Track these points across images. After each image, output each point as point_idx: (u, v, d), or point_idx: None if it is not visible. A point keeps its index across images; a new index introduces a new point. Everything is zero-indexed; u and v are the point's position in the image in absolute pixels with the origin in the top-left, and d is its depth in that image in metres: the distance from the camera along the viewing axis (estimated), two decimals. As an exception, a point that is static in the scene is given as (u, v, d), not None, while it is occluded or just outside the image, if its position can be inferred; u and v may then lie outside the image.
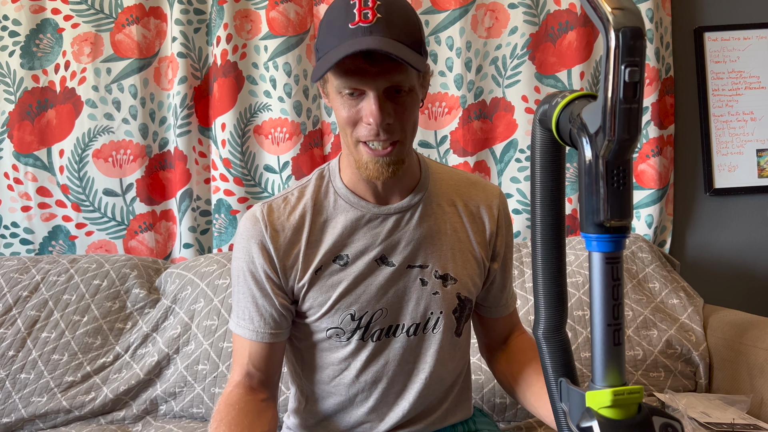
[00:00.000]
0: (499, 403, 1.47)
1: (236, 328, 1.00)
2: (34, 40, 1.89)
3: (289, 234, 0.97)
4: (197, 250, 1.91)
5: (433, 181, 1.04)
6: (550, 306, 0.62)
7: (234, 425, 0.92)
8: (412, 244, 0.99)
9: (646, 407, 0.54)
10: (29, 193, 1.89)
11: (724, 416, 1.32)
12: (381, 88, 0.86)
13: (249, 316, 0.99)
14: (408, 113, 0.90)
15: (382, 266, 0.98)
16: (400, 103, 0.89)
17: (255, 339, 0.98)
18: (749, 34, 2.01)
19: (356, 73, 0.86)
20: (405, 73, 0.87)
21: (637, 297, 1.62)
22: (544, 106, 0.59)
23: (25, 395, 1.50)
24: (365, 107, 0.88)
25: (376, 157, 0.90)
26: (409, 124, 0.91)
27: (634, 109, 0.48)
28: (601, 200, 0.51)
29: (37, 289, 1.63)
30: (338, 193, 1.00)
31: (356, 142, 0.91)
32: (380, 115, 0.86)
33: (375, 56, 0.84)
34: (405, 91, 0.89)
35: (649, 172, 1.92)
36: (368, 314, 0.98)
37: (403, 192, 1.00)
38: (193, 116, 1.90)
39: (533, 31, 1.91)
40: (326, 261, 0.98)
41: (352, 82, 0.87)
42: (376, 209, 0.98)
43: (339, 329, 0.98)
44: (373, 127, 0.87)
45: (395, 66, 0.85)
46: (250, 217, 0.99)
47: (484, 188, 1.08)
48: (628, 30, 0.47)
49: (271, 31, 1.89)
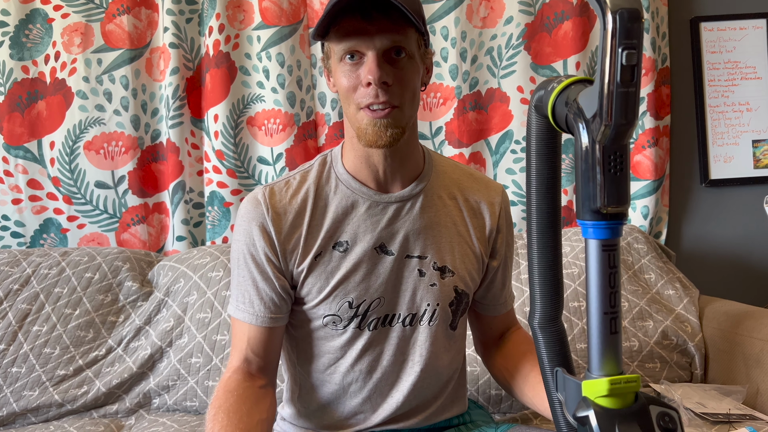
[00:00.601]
0: (494, 394, 1.47)
1: (236, 312, 1.00)
2: (23, 30, 1.86)
3: (291, 217, 0.97)
4: (190, 242, 1.90)
5: (435, 173, 1.04)
6: (545, 295, 0.62)
7: (232, 412, 0.90)
8: (411, 234, 0.99)
9: (643, 396, 0.54)
10: (20, 185, 1.87)
11: (720, 406, 1.32)
12: (380, 48, 0.88)
13: (249, 300, 0.98)
14: (407, 78, 0.91)
15: (382, 255, 0.98)
16: (399, 68, 0.90)
17: (255, 323, 0.97)
18: (745, 24, 2.00)
19: (354, 33, 0.88)
20: (404, 35, 0.89)
21: (632, 288, 1.62)
22: (540, 92, 0.58)
23: (17, 389, 1.48)
24: (364, 70, 0.89)
25: (375, 119, 0.90)
26: (408, 90, 0.91)
27: (632, 93, 0.47)
28: (598, 186, 0.50)
29: (28, 282, 1.62)
30: (340, 179, 1.00)
31: (357, 109, 0.91)
32: (378, 71, 0.87)
33: (373, 15, 0.86)
34: (405, 55, 0.90)
35: (645, 163, 1.91)
36: (366, 302, 0.98)
37: (405, 181, 1.00)
38: (185, 107, 1.88)
39: (529, 21, 1.89)
40: (326, 246, 0.98)
41: (351, 43, 0.89)
42: (377, 196, 0.99)
43: (336, 316, 0.98)
44: (372, 88, 0.88)
45: (393, 26, 0.87)
46: (252, 199, 0.99)
47: (487, 185, 1.08)
48: (626, 12, 0.46)
49: (264, 21, 1.87)
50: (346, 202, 0.98)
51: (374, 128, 0.90)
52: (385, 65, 0.88)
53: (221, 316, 1.54)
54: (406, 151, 0.99)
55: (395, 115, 0.90)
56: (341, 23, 0.88)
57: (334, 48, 0.92)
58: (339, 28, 0.88)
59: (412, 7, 0.87)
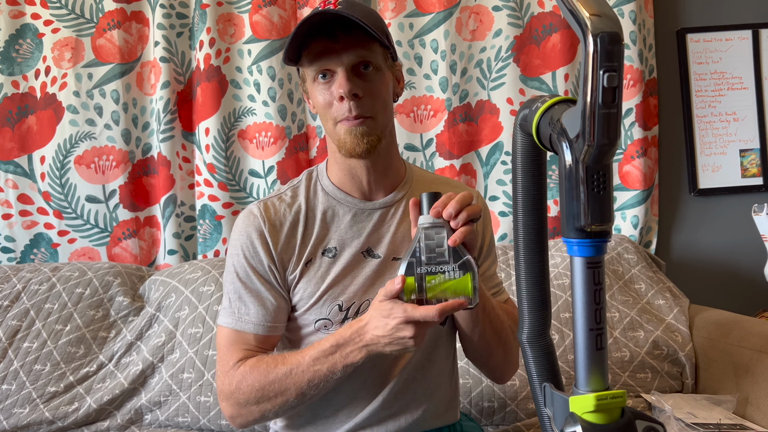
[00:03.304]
0: (487, 407, 1.47)
1: (236, 324, 1.01)
2: (13, 45, 1.87)
3: (287, 229, 1.03)
4: (182, 256, 1.89)
5: (415, 181, 1.10)
6: (533, 311, 0.63)
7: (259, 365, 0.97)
8: (396, 238, 1.04)
9: (629, 411, 0.54)
10: (10, 200, 1.86)
11: (711, 416, 1.32)
12: (347, 63, 0.94)
13: (254, 310, 1.01)
14: (376, 90, 0.97)
15: (369, 258, 1.03)
16: (368, 80, 0.96)
17: (260, 332, 1.01)
18: (731, 35, 2.03)
19: (323, 53, 0.95)
20: (368, 50, 0.96)
21: (623, 298, 1.63)
22: (524, 110, 0.59)
23: (7, 406, 1.47)
24: (335, 85, 0.95)
25: (351, 128, 0.96)
26: (379, 100, 0.98)
27: (613, 114, 0.48)
28: (582, 205, 0.51)
29: (18, 298, 1.61)
30: (326, 190, 1.06)
31: (334, 124, 0.98)
32: (347, 84, 0.93)
33: (337, 34, 0.93)
34: (372, 68, 0.96)
35: (634, 173, 1.93)
36: (355, 305, 1.01)
37: (387, 189, 1.06)
38: (176, 121, 1.89)
39: (517, 34, 1.91)
40: (315, 253, 1.02)
41: (321, 63, 0.95)
42: (362, 204, 1.04)
43: (327, 320, 1.01)
44: (346, 102, 0.94)
45: (357, 42, 0.94)
46: (248, 213, 1.04)
47: (461, 188, 1.15)
48: (606, 35, 0.47)
49: (255, 34, 1.88)
50: (332, 211, 1.04)
51: (351, 137, 0.96)
52: (355, 78, 0.95)
53: (213, 330, 1.54)
54: (387, 160, 1.05)
55: (369, 124, 0.96)
56: (310, 46, 0.95)
57: (307, 71, 0.99)
58: (309, 51, 0.96)
59: (374, 24, 0.94)
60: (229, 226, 1.87)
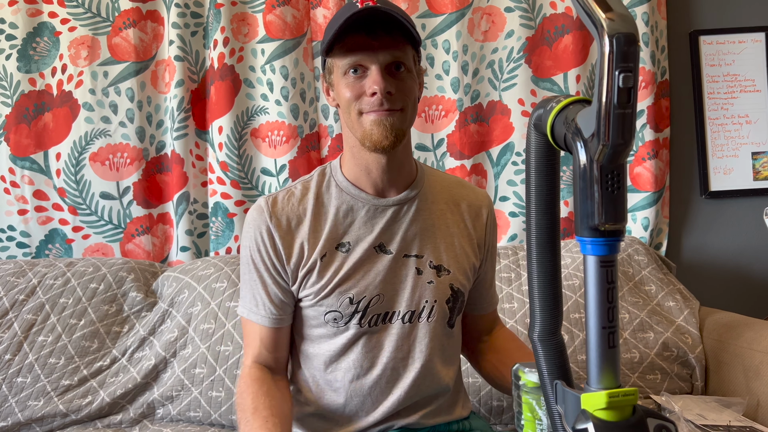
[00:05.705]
0: (496, 405, 1.47)
1: (248, 314, 1.07)
2: (30, 43, 1.89)
3: (293, 223, 1.04)
4: (194, 253, 1.91)
5: (427, 181, 1.11)
6: (545, 309, 0.63)
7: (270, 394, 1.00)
8: (408, 235, 1.06)
9: (641, 409, 0.55)
10: (26, 196, 1.89)
11: (720, 418, 1.32)
12: (382, 62, 0.95)
13: (261, 302, 1.05)
14: (407, 88, 0.98)
15: (381, 254, 1.04)
16: (400, 79, 0.97)
17: (266, 324, 1.05)
18: (744, 38, 2.02)
19: (359, 49, 0.95)
20: (403, 51, 0.97)
21: (633, 300, 1.62)
22: (539, 110, 0.60)
23: (22, 399, 1.49)
24: (368, 81, 0.96)
25: (380, 118, 0.96)
26: (410, 98, 0.99)
27: (628, 114, 0.48)
28: (596, 204, 0.52)
29: (33, 292, 1.63)
30: (340, 186, 1.07)
31: (359, 115, 0.98)
32: (383, 82, 0.94)
33: (377, 32, 0.94)
34: (404, 69, 0.98)
35: (645, 175, 1.93)
36: (366, 299, 1.03)
37: (400, 187, 1.07)
38: (190, 119, 1.90)
39: (529, 35, 1.91)
40: (330, 248, 1.04)
41: (356, 58, 0.96)
42: (375, 201, 1.05)
43: (338, 312, 1.03)
44: (377, 97, 0.95)
45: (394, 42, 0.95)
46: (256, 207, 1.06)
47: (474, 191, 1.17)
48: (622, 36, 0.47)
49: (268, 34, 1.89)
50: (347, 206, 1.05)
51: (380, 128, 0.96)
52: (388, 77, 0.96)
53: (225, 326, 1.55)
54: (402, 158, 1.05)
55: (399, 116, 0.97)
56: (346, 40, 0.96)
57: (337, 63, 0.99)
58: (343, 44, 0.96)
59: (409, 21, 0.96)
60: (241, 224, 1.88)
